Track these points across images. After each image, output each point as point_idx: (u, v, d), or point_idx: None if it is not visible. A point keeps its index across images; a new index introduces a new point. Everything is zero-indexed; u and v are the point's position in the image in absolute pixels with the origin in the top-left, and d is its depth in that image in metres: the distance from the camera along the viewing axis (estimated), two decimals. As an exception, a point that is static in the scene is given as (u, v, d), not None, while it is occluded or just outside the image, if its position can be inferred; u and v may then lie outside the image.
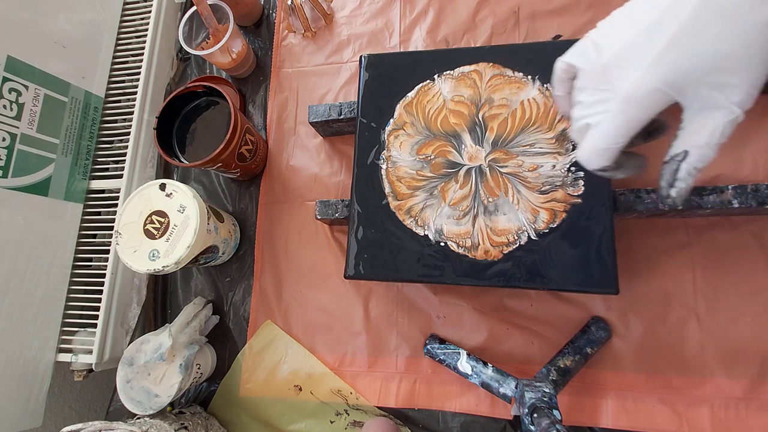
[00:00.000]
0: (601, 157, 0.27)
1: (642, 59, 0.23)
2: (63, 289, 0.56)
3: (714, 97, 0.22)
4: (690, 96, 0.23)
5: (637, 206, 0.43)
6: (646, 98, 0.24)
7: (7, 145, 0.50)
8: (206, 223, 0.47)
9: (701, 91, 0.22)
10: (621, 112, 0.25)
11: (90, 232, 0.59)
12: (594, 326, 0.46)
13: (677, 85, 0.23)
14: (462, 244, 0.44)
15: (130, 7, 0.67)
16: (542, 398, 0.38)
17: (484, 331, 0.50)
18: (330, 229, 0.57)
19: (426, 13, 0.60)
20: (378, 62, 0.51)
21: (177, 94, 0.52)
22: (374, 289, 0.54)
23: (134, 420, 0.47)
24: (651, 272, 0.47)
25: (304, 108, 0.62)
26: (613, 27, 0.26)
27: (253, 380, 0.55)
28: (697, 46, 0.21)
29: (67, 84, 0.57)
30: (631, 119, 0.25)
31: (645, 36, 0.23)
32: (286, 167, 0.61)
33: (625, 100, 0.24)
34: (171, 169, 0.65)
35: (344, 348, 0.53)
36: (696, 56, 0.21)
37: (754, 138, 0.47)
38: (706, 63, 0.21)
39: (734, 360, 0.44)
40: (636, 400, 0.45)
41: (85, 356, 0.54)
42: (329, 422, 0.52)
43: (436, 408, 0.49)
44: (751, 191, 0.41)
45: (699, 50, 0.21)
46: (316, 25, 0.63)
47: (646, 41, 0.23)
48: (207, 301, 0.58)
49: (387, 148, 0.48)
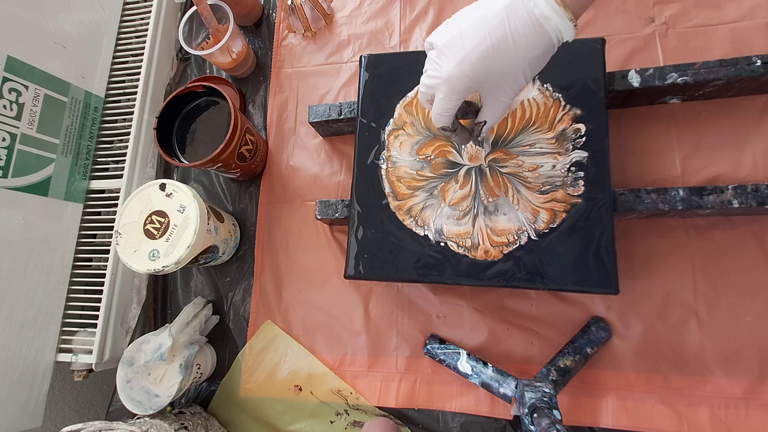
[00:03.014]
0: (438, 118, 0.36)
1: (456, 54, 0.32)
2: (63, 289, 0.56)
3: (498, 92, 0.34)
4: (484, 88, 0.35)
5: (637, 206, 0.43)
6: (456, 83, 0.33)
7: (7, 145, 0.50)
8: (206, 223, 0.47)
9: (491, 87, 0.34)
10: (442, 89, 0.34)
11: (90, 232, 0.59)
12: (594, 326, 0.46)
13: (475, 80, 0.33)
14: (462, 244, 0.44)
15: (130, 7, 0.67)
16: (542, 398, 0.38)
17: (484, 331, 0.50)
18: (330, 229, 0.57)
19: (426, 13, 0.60)
20: (378, 62, 0.51)
21: (177, 94, 0.52)
22: (374, 289, 0.54)
23: (134, 420, 0.47)
24: (651, 272, 0.47)
25: (304, 108, 0.62)
26: (456, 19, 0.33)
27: (253, 380, 0.55)
28: (491, 63, 0.32)
29: (67, 84, 0.57)
30: (449, 96, 0.34)
31: (468, 35, 0.32)
32: (286, 167, 0.61)
33: (444, 81, 0.33)
34: (171, 169, 0.65)
35: (344, 348, 0.53)
36: (489, 68, 0.32)
37: (754, 138, 0.47)
38: (493, 74, 0.32)
39: (734, 360, 0.44)
40: (636, 400, 0.45)
41: (85, 356, 0.54)
42: (329, 422, 0.52)
43: (436, 408, 0.49)
44: (751, 191, 0.41)
45: (492, 65, 0.32)
46: (316, 25, 0.63)
47: (463, 41, 0.32)
48: (207, 301, 0.58)
49: (387, 148, 0.48)
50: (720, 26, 0.50)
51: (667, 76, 0.45)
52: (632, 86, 0.45)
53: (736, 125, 0.47)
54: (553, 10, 0.29)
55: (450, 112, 0.35)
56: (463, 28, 0.32)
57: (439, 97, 0.35)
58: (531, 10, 0.30)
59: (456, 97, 0.34)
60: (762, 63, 0.43)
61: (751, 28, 0.49)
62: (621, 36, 0.53)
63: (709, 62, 0.44)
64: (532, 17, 0.30)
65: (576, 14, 0.30)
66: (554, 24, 0.30)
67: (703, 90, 0.46)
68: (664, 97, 0.48)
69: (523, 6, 0.30)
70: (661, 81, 0.45)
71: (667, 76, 0.45)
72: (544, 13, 0.29)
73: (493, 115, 0.37)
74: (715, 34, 0.50)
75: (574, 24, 0.30)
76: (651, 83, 0.45)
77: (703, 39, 0.50)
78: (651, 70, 0.45)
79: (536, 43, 0.31)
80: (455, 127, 0.38)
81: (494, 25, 0.31)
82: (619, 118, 0.50)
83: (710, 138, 0.48)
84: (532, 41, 0.30)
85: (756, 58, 0.43)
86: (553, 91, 0.45)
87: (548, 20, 0.30)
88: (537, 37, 0.30)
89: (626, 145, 0.50)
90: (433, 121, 0.37)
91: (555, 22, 0.30)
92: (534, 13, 0.30)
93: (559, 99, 0.45)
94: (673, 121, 0.49)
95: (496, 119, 0.37)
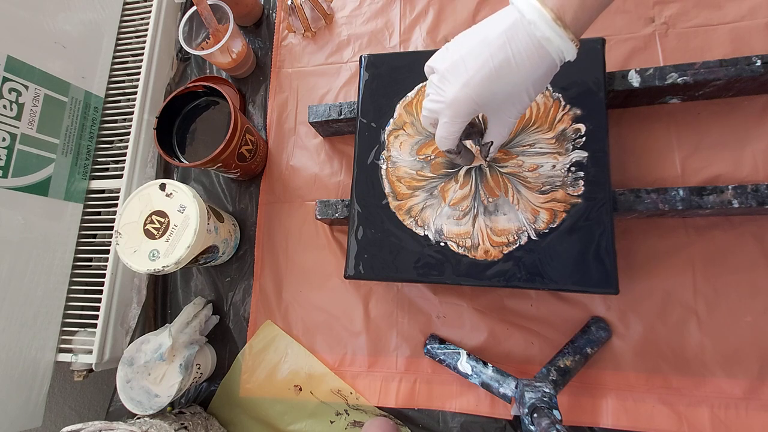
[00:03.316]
0: (443, 142, 0.37)
1: (459, 78, 0.32)
2: (63, 289, 0.56)
3: (503, 112, 0.34)
4: (489, 110, 0.35)
5: (637, 206, 0.43)
6: (460, 106, 0.33)
7: (7, 145, 0.50)
8: (206, 223, 0.47)
9: (495, 109, 0.34)
10: (446, 113, 0.34)
11: (90, 232, 0.59)
12: (594, 326, 0.46)
13: (480, 103, 0.33)
14: (462, 244, 0.44)
15: (130, 7, 0.67)
16: (542, 398, 0.38)
17: (484, 331, 0.50)
18: (330, 229, 0.57)
19: (426, 13, 0.60)
20: (378, 62, 0.51)
21: (177, 94, 0.52)
22: (374, 289, 0.54)
23: (134, 420, 0.47)
24: (651, 272, 0.47)
25: (304, 108, 0.62)
26: (456, 43, 0.34)
27: (253, 380, 0.55)
28: (494, 86, 0.32)
29: (67, 84, 0.57)
30: (454, 120, 0.34)
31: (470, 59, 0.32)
32: (286, 167, 0.61)
33: (448, 105, 0.33)
34: (171, 169, 0.65)
35: (344, 348, 0.53)
36: (493, 91, 0.32)
37: (754, 138, 0.47)
38: (498, 96, 0.32)
39: (734, 360, 0.44)
40: (636, 400, 0.45)
41: (85, 356, 0.54)
42: (329, 422, 0.52)
43: (436, 408, 0.49)
44: (751, 191, 0.41)
45: (496, 87, 0.32)
46: (316, 25, 0.63)
47: (466, 65, 0.32)
48: (207, 301, 0.58)
49: (387, 148, 0.48)
50: (720, 26, 0.50)
51: (667, 76, 0.45)
52: (632, 86, 0.45)
53: (736, 125, 0.47)
54: (553, 31, 0.29)
55: (455, 135, 0.36)
56: (464, 52, 0.32)
57: (443, 121, 0.35)
58: (532, 32, 0.30)
59: (461, 120, 0.34)
60: (762, 63, 0.43)
61: (751, 28, 0.49)
62: (621, 36, 0.53)
63: (709, 62, 0.44)
64: (533, 39, 0.30)
65: (577, 34, 0.30)
66: (556, 45, 0.30)
67: (703, 90, 0.46)
68: (664, 97, 0.48)
69: (523, 29, 0.30)
70: (661, 81, 0.45)
71: (667, 76, 0.45)
72: (545, 35, 0.29)
73: (499, 134, 0.37)
74: (715, 34, 0.50)
75: (576, 44, 0.30)
76: (651, 83, 0.45)
77: (703, 39, 0.50)
78: (651, 70, 0.45)
79: (539, 64, 0.31)
80: (459, 149, 0.39)
81: (495, 48, 0.31)
82: (619, 118, 0.50)
83: (710, 138, 0.48)
84: (534, 63, 0.31)
85: (756, 58, 0.43)
86: (553, 91, 0.45)
87: (549, 42, 0.30)
88: (539, 59, 0.30)
89: (626, 145, 0.50)
90: (437, 144, 0.37)
91: (557, 43, 0.30)
92: (535, 35, 0.30)
93: (559, 99, 0.45)
94: (673, 121, 0.49)
95: (502, 138, 0.38)
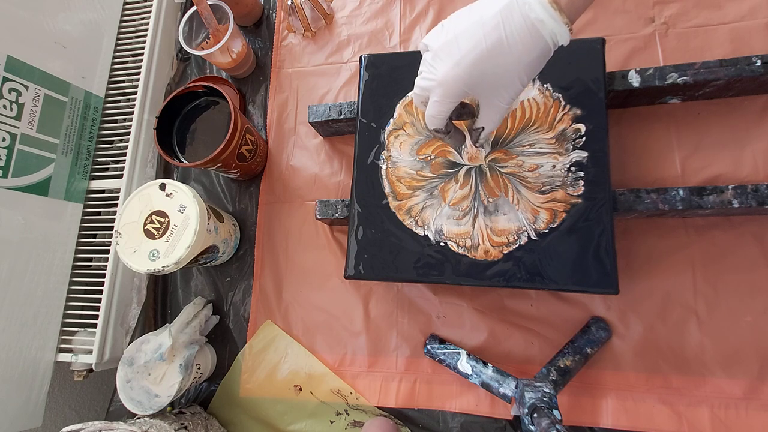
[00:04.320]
0: (432, 121, 0.36)
1: (452, 57, 0.32)
2: (63, 289, 0.56)
3: (494, 96, 0.34)
4: (480, 93, 0.34)
5: (637, 206, 0.43)
6: (450, 86, 0.33)
7: (7, 145, 0.50)
8: (206, 223, 0.47)
9: (487, 92, 0.34)
10: (436, 91, 0.34)
11: (90, 232, 0.59)
12: (594, 326, 0.46)
13: (470, 83, 0.33)
14: (462, 244, 0.44)
15: (130, 7, 0.67)
16: (542, 398, 0.38)
17: (484, 331, 0.50)
18: (330, 229, 0.57)
19: (426, 13, 0.60)
20: (378, 62, 0.51)
21: (177, 94, 0.52)
22: (374, 289, 0.54)
23: (134, 420, 0.47)
24: (651, 272, 0.47)
25: (304, 108, 0.62)
26: (452, 21, 0.33)
27: (253, 380, 0.55)
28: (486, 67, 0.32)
29: (67, 84, 0.57)
30: (444, 99, 0.34)
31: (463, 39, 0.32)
32: (286, 167, 0.61)
33: (439, 83, 0.33)
34: (171, 169, 0.65)
35: (344, 348, 0.53)
36: (484, 72, 0.32)
37: (754, 138, 0.47)
38: (489, 77, 0.32)
39: (734, 360, 0.44)
40: (636, 400, 0.45)
41: (85, 356, 0.54)
42: (329, 422, 0.52)
43: (436, 408, 0.49)
44: (751, 191, 0.41)
45: (487, 68, 0.32)
46: (316, 25, 0.63)
47: (459, 44, 0.32)
48: (207, 301, 0.58)
49: (387, 148, 0.48)
50: (720, 26, 0.50)
51: (667, 76, 0.45)
52: (632, 86, 0.45)
53: (736, 125, 0.47)
54: (548, 13, 0.29)
55: (444, 115, 0.36)
56: (458, 31, 0.32)
57: (434, 99, 0.35)
58: (526, 13, 0.30)
59: (450, 100, 0.34)
60: (762, 63, 0.43)
61: (751, 28, 0.49)
62: (621, 36, 0.53)
63: (709, 62, 0.44)
64: (527, 21, 0.30)
65: (571, 18, 0.30)
66: (549, 28, 0.30)
67: (703, 90, 0.46)
68: (664, 97, 0.48)
69: (518, 9, 0.30)
70: (661, 81, 0.45)
71: (667, 76, 0.45)
72: (539, 17, 0.29)
73: (490, 120, 0.37)
74: (715, 34, 0.50)
75: (570, 28, 0.30)
76: (651, 83, 0.45)
77: (703, 39, 0.50)
78: (651, 70, 0.45)
79: (532, 47, 0.31)
80: (448, 129, 0.38)
81: (489, 28, 0.31)
82: (619, 118, 0.50)
83: (710, 138, 0.48)
84: (527, 45, 0.31)
85: (756, 58, 0.43)
86: (553, 91, 0.45)
87: (543, 24, 0.30)
88: (532, 41, 0.30)
89: (626, 145, 0.50)
90: (426, 123, 0.37)
91: (550, 26, 0.30)
92: (529, 16, 0.30)
93: (559, 99, 0.45)
94: (673, 121, 0.49)
95: (494, 125, 0.37)
